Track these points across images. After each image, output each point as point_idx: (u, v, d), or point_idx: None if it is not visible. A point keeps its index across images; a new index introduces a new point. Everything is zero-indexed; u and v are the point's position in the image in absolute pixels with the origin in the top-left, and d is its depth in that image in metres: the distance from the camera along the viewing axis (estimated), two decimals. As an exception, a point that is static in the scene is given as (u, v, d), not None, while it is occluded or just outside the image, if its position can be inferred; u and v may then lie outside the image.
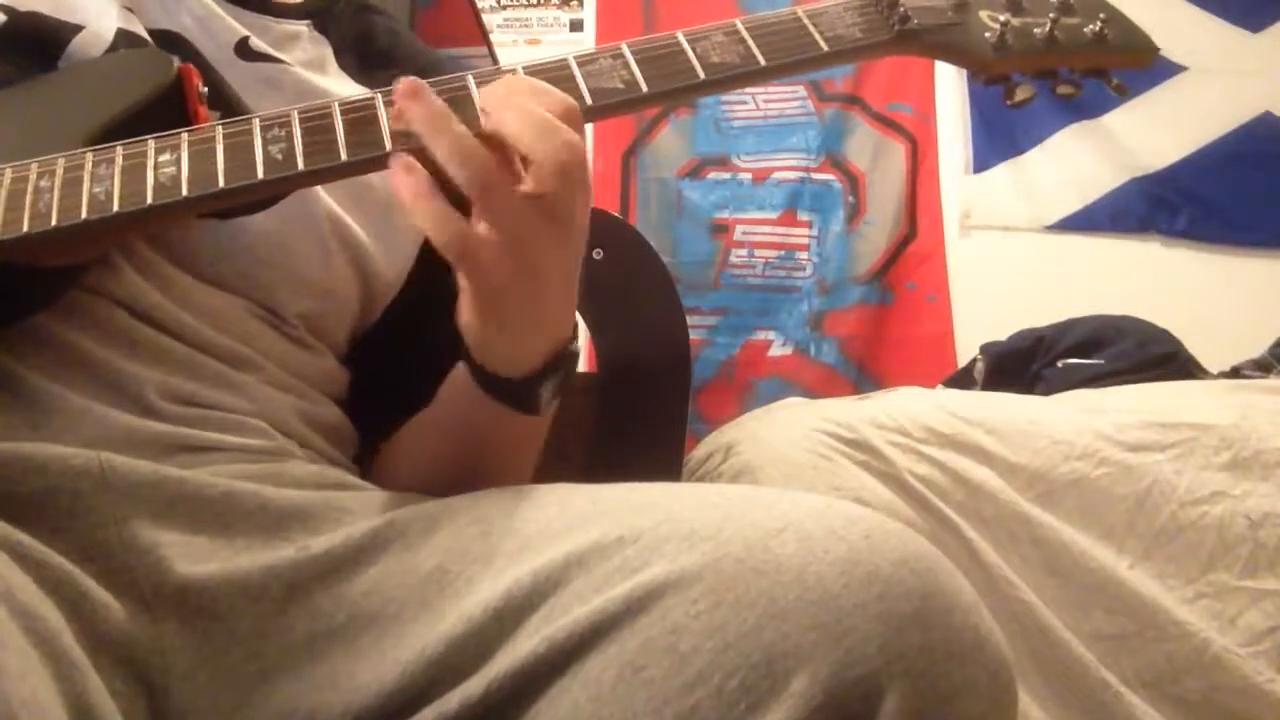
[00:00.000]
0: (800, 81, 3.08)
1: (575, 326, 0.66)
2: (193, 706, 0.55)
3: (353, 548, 0.58)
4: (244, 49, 0.75)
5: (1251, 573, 1.36)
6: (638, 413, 1.23)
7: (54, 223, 0.56)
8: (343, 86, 0.79)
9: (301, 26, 0.80)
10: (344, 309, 0.76)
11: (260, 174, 0.58)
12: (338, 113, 0.60)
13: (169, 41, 0.72)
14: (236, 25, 0.75)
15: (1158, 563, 1.36)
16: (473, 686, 0.51)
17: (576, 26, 3.12)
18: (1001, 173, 2.94)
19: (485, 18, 2.55)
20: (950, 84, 2.99)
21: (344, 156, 0.59)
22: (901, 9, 0.68)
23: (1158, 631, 1.32)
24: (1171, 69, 2.86)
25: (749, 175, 3.01)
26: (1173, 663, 1.32)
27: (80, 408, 0.61)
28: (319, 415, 0.73)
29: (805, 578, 0.48)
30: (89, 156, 0.59)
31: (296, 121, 0.60)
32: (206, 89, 0.66)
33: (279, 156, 0.59)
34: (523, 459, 0.72)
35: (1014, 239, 2.93)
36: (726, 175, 3.01)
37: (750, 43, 0.65)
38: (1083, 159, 2.90)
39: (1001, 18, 0.70)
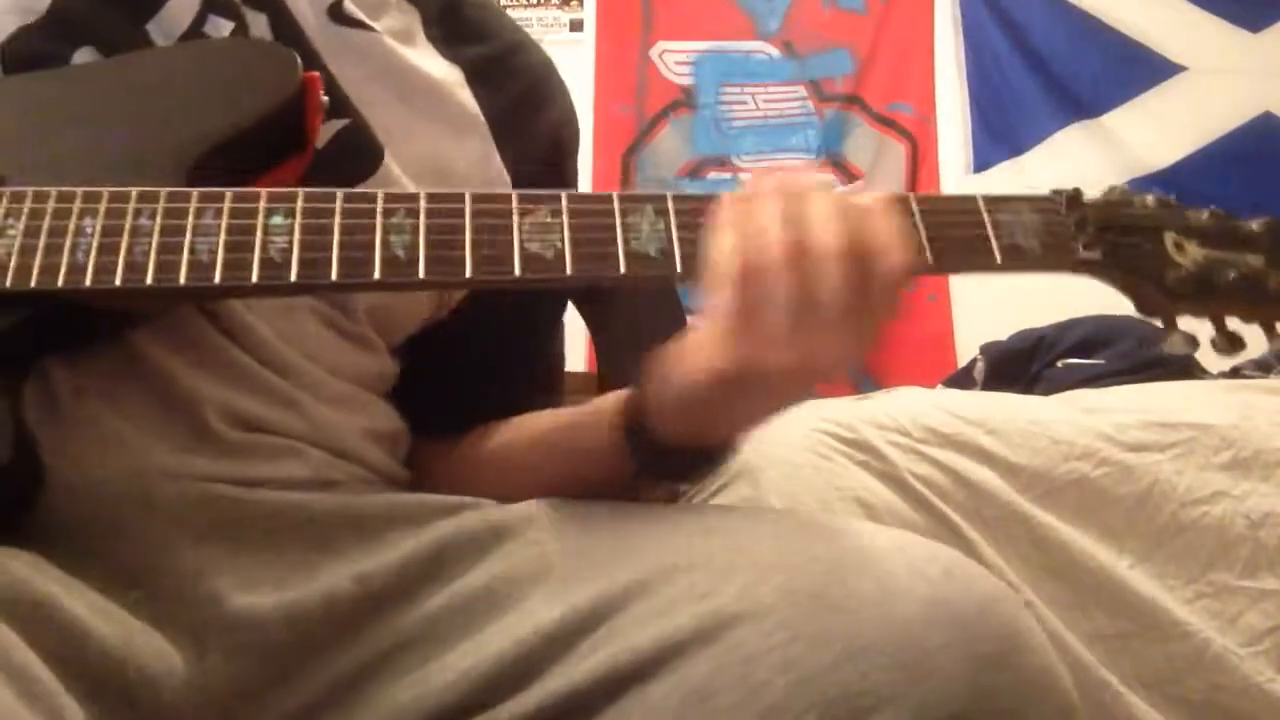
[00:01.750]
0: (800, 81, 3.08)
1: (732, 451, 0.63)
2: None
3: (409, 579, 0.57)
4: (337, 12, 0.71)
5: (1251, 573, 1.36)
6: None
7: (149, 281, 0.52)
8: (430, 61, 0.76)
9: None
10: (415, 304, 0.73)
11: (377, 274, 0.53)
12: (469, 213, 0.54)
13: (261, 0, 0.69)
14: None
15: (1158, 563, 1.36)
16: (523, 703, 0.50)
17: (576, 26, 3.12)
18: (1001, 173, 2.94)
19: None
20: (950, 84, 2.99)
21: (469, 273, 0.54)
22: (1089, 230, 0.61)
23: (1158, 631, 1.32)
24: (1171, 69, 2.86)
25: (749, 175, 3.00)
26: (1173, 663, 1.32)
27: (125, 438, 0.59)
28: (377, 427, 0.71)
29: (888, 616, 0.47)
30: (194, 199, 0.54)
31: (423, 209, 0.54)
32: (328, 98, 0.62)
33: (400, 254, 0.53)
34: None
35: (1014, 239, 2.93)
36: (727, 175, 3.01)
37: (922, 232, 0.58)
38: (1083, 159, 2.90)
39: (1188, 250, 0.63)
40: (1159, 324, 0.65)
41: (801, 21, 3.09)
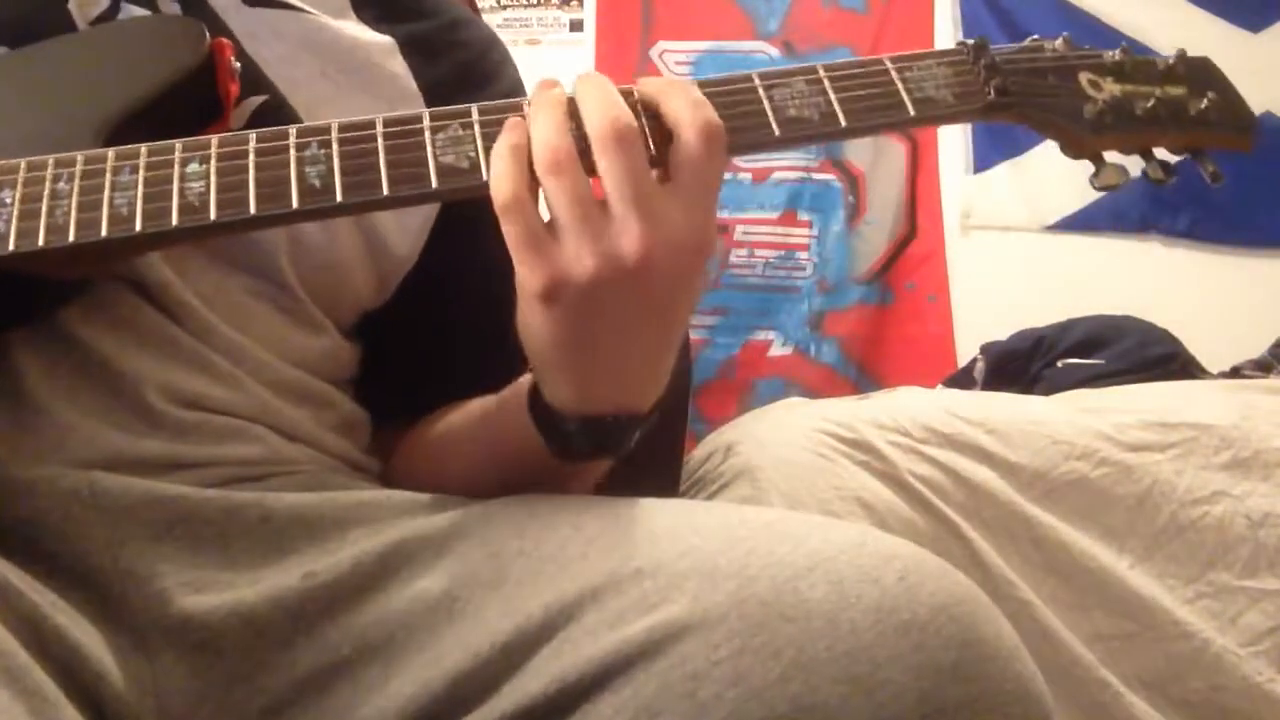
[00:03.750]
0: (800, 81, 3.08)
1: (648, 411, 0.59)
2: None
3: (361, 575, 0.55)
4: None
5: (1251, 573, 1.36)
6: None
7: (71, 239, 0.52)
8: (358, 32, 0.74)
9: None
10: (351, 284, 0.71)
11: (295, 203, 0.54)
12: (380, 135, 0.56)
13: None
14: None
15: (1158, 563, 1.36)
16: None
17: (576, 26, 3.12)
18: (1001, 173, 2.94)
19: (485, 18, 2.55)
20: (950, 84, 2.99)
21: (385, 191, 0.55)
22: (999, 76, 0.62)
23: (1158, 631, 1.32)
24: (1171, 69, 2.85)
25: (749, 175, 3.00)
26: (1173, 663, 1.32)
27: (71, 425, 0.58)
28: (325, 414, 0.70)
29: (836, 625, 0.45)
30: (110, 158, 0.54)
31: (335, 140, 0.55)
32: (240, 64, 0.62)
33: (316, 183, 0.54)
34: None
35: (1014, 239, 2.93)
36: (726, 175, 3.00)
37: (831, 95, 0.59)
38: (1083, 159, 2.90)
39: (1104, 86, 0.64)
40: (1098, 164, 0.65)
41: (801, 21, 3.09)
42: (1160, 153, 0.68)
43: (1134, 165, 0.67)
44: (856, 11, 3.07)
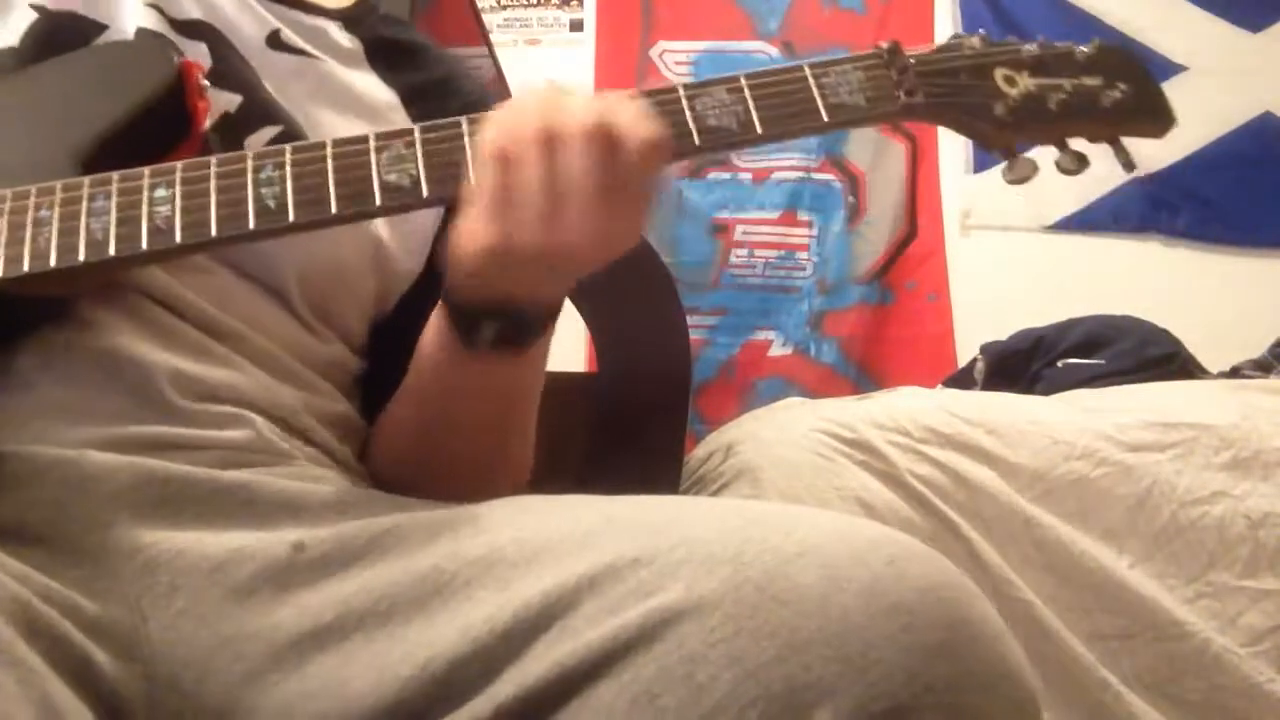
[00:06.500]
0: (800, 81, 3.08)
1: (546, 312, 0.65)
2: (177, 713, 0.54)
3: (348, 551, 0.57)
4: (275, 40, 0.76)
5: (1251, 573, 1.36)
6: (637, 413, 1.23)
7: (52, 263, 0.57)
8: (370, 83, 0.80)
9: (332, 24, 0.81)
10: (355, 296, 0.75)
11: (251, 224, 0.59)
12: (330, 157, 0.60)
13: (199, 31, 0.72)
14: (269, 17, 0.76)
15: (1158, 563, 1.36)
16: (478, 707, 0.50)
17: (576, 26, 3.12)
18: (1001, 173, 2.94)
19: (485, 18, 2.55)
20: (950, 84, 2.99)
21: (334, 210, 0.59)
22: (911, 77, 0.65)
23: (1158, 631, 1.32)
24: (1171, 69, 2.86)
25: (749, 175, 3.00)
26: (1173, 663, 1.32)
27: (65, 405, 0.60)
28: (325, 407, 0.72)
29: (828, 608, 0.46)
30: (85, 186, 0.59)
31: (289, 162, 0.60)
32: (208, 82, 0.66)
33: (271, 204, 0.59)
34: (487, 430, 0.71)
35: (1014, 239, 2.93)
36: (726, 175, 3.01)
37: (750, 103, 0.63)
38: (1083, 159, 2.89)
39: (1019, 81, 0.66)
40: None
41: (801, 21, 3.09)
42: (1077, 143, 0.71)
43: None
44: (856, 12, 3.07)
